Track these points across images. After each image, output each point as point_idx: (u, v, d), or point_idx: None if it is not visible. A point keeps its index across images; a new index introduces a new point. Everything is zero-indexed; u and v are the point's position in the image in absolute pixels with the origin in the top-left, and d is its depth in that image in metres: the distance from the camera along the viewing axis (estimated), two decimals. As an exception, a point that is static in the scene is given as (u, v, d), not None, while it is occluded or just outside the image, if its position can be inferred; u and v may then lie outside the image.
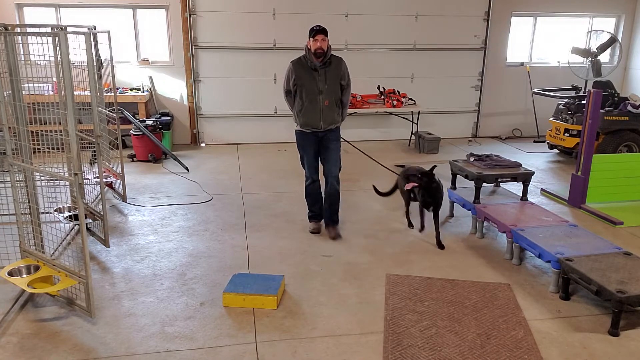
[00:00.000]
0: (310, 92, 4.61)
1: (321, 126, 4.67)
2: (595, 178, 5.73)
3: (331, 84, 4.64)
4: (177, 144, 8.49)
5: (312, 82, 4.60)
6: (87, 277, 3.34)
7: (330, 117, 4.69)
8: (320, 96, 4.61)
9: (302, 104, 4.67)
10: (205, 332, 3.37)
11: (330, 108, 4.66)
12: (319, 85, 4.59)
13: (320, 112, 4.63)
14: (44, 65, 3.88)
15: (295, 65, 4.66)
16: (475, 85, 9.32)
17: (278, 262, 4.37)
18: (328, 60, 4.61)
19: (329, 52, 4.60)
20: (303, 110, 4.67)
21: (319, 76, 4.59)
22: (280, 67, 8.45)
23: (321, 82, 4.59)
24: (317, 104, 4.61)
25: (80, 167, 3.25)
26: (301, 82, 4.63)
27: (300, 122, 4.72)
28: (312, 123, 4.67)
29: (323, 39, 4.49)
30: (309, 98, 4.62)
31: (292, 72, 4.66)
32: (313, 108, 4.63)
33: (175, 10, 8.09)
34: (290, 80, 4.69)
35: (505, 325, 3.46)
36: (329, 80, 4.62)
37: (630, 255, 3.87)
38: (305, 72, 4.60)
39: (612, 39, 8.30)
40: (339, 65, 4.68)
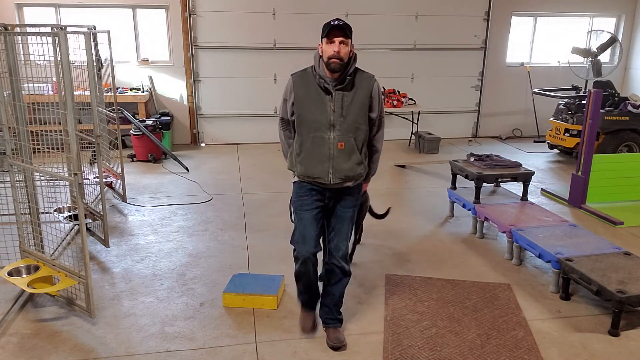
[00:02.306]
0: (315, 126, 2.99)
1: (330, 179, 3.02)
2: (596, 178, 5.73)
3: (351, 114, 2.97)
4: (177, 144, 8.49)
5: (320, 109, 2.97)
6: (87, 277, 3.34)
7: (346, 167, 3.01)
8: (331, 133, 2.97)
9: (300, 142, 3.06)
10: (205, 332, 3.36)
11: (346, 153, 2.99)
12: (331, 116, 2.95)
13: (330, 158, 2.99)
14: (43, 65, 3.88)
15: (298, 80, 3.06)
16: (476, 85, 9.32)
17: (278, 262, 4.37)
18: (349, 77, 2.98)
19: (353, 64, 2.99)
20: (303, 153, 3.05)
21: (333, 101, 2.95)
22: (280, 67, 8.49)
23: (335, 110, 2.95)
24: (325, 144, 2.98)
25: (80, 167, 3.25)
26: (303, 108, 3.02)
27: (298, 170, 3.11)
28: (315, 173, 3.03)
29: (343, 41, 2.88)
30: (314, 134, 2.99)
31: (291, 90, 3.07)
32: (318, 151, 3.00)
33: (175, 10, 8.08)
34: (288, 101, 3.11)
35: (505, 326, 3.45)
36: (347, 108, 2.96)
37: (630, 255, 3.87)
38: (311, 92, 2.99)
39: (612, 38, 8.30)
40: (367, 86, 3.02)
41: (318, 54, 3.01)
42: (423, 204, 5.90)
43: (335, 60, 2.89)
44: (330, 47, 2.90)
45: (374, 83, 3.06)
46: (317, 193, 3.13)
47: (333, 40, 2.89)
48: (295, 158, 3.13)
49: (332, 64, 2.90)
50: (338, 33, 2.89)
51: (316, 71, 3.01)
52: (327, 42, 2.92)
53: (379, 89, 3.11)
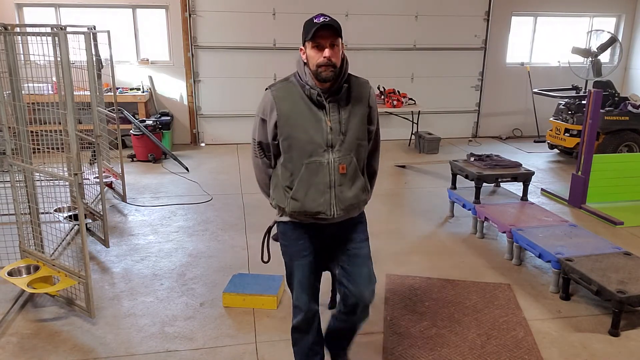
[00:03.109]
0: (309, 148, 2.41)
1: (333, 213, 2.46)
2: (596, 178, 5.73)
3: (352, 130, 2.45)
4: (176, 144, 8.48)
5: (314, 127, 2.41)
6: (87, 277, 3.33)
7: (350, 195, 2.48)
8: (329, 155, 2.41)
9: (290, 172, 2.48)
10: (205, 332, 3.36)
11: (348, 178, 2.46)
12: (328, 135, 2.40)
13: (331, 186, 2.44)
14: (43, 65, 3.88)
15: (280, 93, 2.49)
16: (476, 85, 9.31)
17: (278, 262, 4.35)
18: (343, 85, 2.43)
19: (346, 69, 2.45)
20: (296, 185, 2.46)
21: (328, 115, 2.41)
22: (280, 67, 8.48)
23: (333, 127, 2.41)
24: (324, 170, 2.42)
25: (80, 167, 3.25)
26: (292, 127, 2.42)
27: (289, 207, 2.50)
28: (314, 207, 2.45)
29: (333, 42, 2.34)
30: (308, 160, 2.42)
31: (272, 107, 2.47)
32: (316, 180, 2.43)
33: (175, 10, 8.08)
34: (267, 123, 2.51)
35: (505, 326, 3.45)
36: (347, 123, 2.43)
37: (630, 255, 3.87)
38: (300, 107, 2.43)
39: (612, 38, 8.30)
40: (364, 94, 2.51)
41: (301, 60, 2.45)
42: (423, 204, 5.90)
43: (326, 68, 2.32)
44: (317, 52, 2.32)
45: (368, 88, 2.54)
46: (316, 233, 2.56)
47: (320, 43, 2.32)
48: (283, 193, 2.50)
49: (323, 73, 2.32)
50: (326, 33, 2.30)
51: (302, 80, 2.43)
52: (312, 46, 2.33)
53: (374, 92, 2.65)
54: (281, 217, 2.63)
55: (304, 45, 2.42)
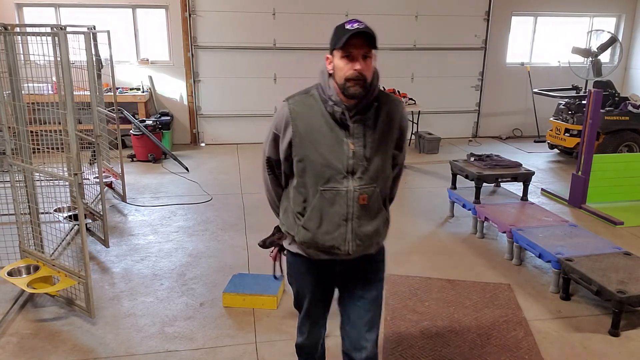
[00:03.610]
0: (326, 174, 2.10)
1: (348, 249, 2.15)
2: (596, 178, 5.73)
3: (377, 156, 2.13)
4: (176, 144, 8.48)
5: (333, 149, 2.09)
6: (87, 277, 3.33)
7: (370, 230, 2.17)
8: (349, 183, 2.09)
9: (304, 197, 2.18)
10: (205, 332, 3.36)
11: (369, 210, 2.15)
12: (349, 160, 2.08)
13: (348, 218, 2.12)
14: (43, 65, 3.88)
15: (297, 108, 2.13)
16: (476, 85, 9.31)
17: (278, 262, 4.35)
18: (372, 102, 2.11)
19: (376, 85, 2.13)
20: (308, 213, 2.16)
21: (351, 137, 2.09)
22: (280, 67, 8.48)
23: (356, 151, 2.08)
24: (341, 199, 2.11)
25: (79, 167, 3.25)
26: (308, 148, 2.11)
27: (299, 236, 2.21)
28: (327, 241, 2.15)
29: (367, 54, 2.04)
30: (324, 186, 2.11)
31: (287, 123, 2.13)
32: (330, 210, 2.12)
33: (175, 10, 8.08)
34: (280, 140, 2.19)
35: (505, 326, 3.45)
36: (372, 148, 2.11)
37: (630, 255, 3.86)
38: (318, 126, 2.10)
39: (612, 38, 8.30)
40: (395, 115, 2.17)
41: (326, 71, 2.10)
42: (423, 204, 5.90)
43: (356, 83, 2.00)
44: (347, 64, 2.00)
45: (403, 111, 2.20)
46: (327, 269, 2.28)
47: (352, 53, 1.99)
48: (293, 219, 2.21)
49: (351, 88, 2.00)
50: (360, 42, 1.98)
51: (325, 94, 2.08)
52: (342, 55, 2.00)
53: (406, 114, 2.27)
54: (290, 245, 2.33)
55: (331, 53, 2.07)
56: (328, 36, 2.08)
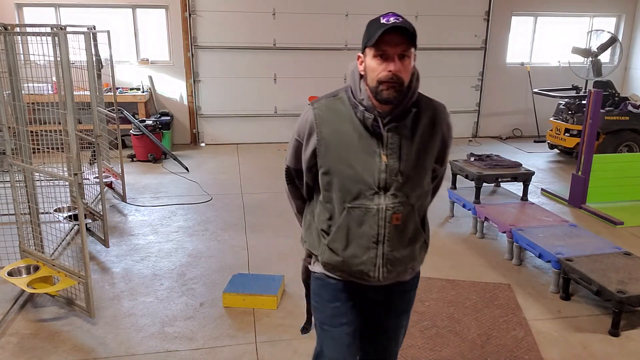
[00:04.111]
0: (354, 189, 1.85)
1: (377, 274, 1.90)
2: (596, 178, 5.73)
3: (415, 170, 1.87)
4: (176, 144, 8.48)
5: (363, 161, 1.84)
6: (87, 277, 3.33)
7: (404, 254, 1.92)
8: (380, 200, 1.84)
9: (329, 214, 1.93)
10: (205, 332, 3.36)
11: (403, 232, 1.89)
12: (382, 174, 1.83)
13: (379, 240, 1.87)
14: (43, 65, 3.88)
15: (324, 113, 1.89)
16: (476, 85, 9.31)
17: (278, 262, 4.36)
18: (410, 108, 1.85)
19: (416, 88, 1.87)
20: (333, 233, 1.92)
21: (385, 148, 1.83)
22: (280, 67, 8.48)
23: (390, 164, 1.83)
24: (372, 219, 1.85)
25: (79, 167, 3.25)
26: (334, 159, 1.87)
27: (324, 256, 1.96)
28: (353, 264, 1.90)
29: (405, 52, 1.76)
30: (352, 203, 1.86)
31: (312, 129, 1.89)
32: (359, 230, 1.87)
33: (175, 10, 8.08)
34: (304, 147, 1.94)
35: (505, 326, 3.45)
36: (409, 160, 1.85)
37: (630, 255, 3.86)
38: (347, 134, 1.86)
39: (612, 38, 8.30)
40: (436, 121, 1.91)
41: (357, 71, 1.85)
42: (423, 204, 5.89)
43: (390, 86, 1.74)
44: (381, 64, 1.74)
45: (443, 115, 1.92)
46: (357, 294, 2.00)
47: (386, 51, 1.73)
48: (317, 237, 1.97)
49: (384, 92, 1.75)
50: (397, 39, 1.72)
51: (356, 98, 1.83)
52: (375, 54, 1.75)
53: (450, 122, 1.96)
54: (314, 265, 2.04)
55: (363, 51, 1.82)
56: (328, 36, 1.99)
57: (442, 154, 1.96)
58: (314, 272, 2.06)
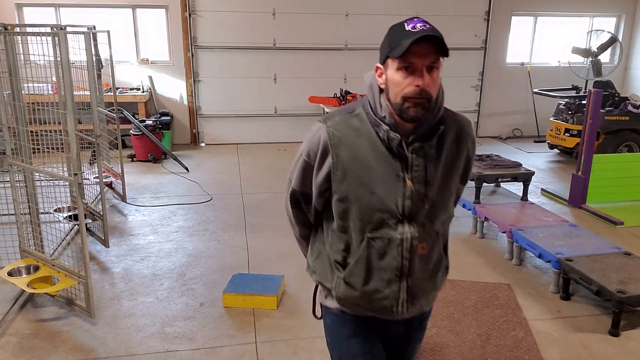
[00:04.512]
0: (375, 218, 1.65)
1: (401, 309, 1.72)
2: (596, 178, 5.73)
3: (442, 193, 1.70)
4: (176, 144, 8.48)
5: (385, 186, 1.63)
6: (87, 277, 3.33)
7: (431, 286, 1.78)
8: (404, 229, 1.65)
9: (345, 244, 1.72)
10: (205, 332, 3.36)
11: (429, 262, 1.73)
12: (407, 200, 1.63)
13: (404, 273, 1.68)
14: (43, 65, 3.88)
15: (339, 132, 1.65)
16: (476, 85, 9.31)
17: (278, 262, 4.36)
18: (438, 126, 1.67)
19: (441, 103, 1.70)
20: (351, 266, 1.71)
21: (410, 171, 1.63)
22: (280, 67, 8.48)
23: (416, 188, 1.64)
24: (395, 250, 1.66)
25: (79, 167, 3.25)
26: (354, 186, 1.65)
27: (339, 291, 1.75)
28: (375, 301, 1.71)
29: (434, 63, 1.57)
30: (372, 234, 1.66)
31: (325, 150, 1.66)
32: (381, 263, 1.68)
33: (175, 10, 8.08)
34: (315, 169, 1.71)
35: (505, 326, 3.45)
36: (435, 183, 1.67)
37: (630, 255, 3.86)
38: (367, 155, 1.63)
39: (612, 38, 8.30)
40: (461, 137, 1.76)
41: (376, 84, 1.63)
42: (423, 204, 5.89)
43: (417, 103, 1.54)
44: (407, 77, 1.53)
45: (472, 133, 1.82)
46: (377, 329, 1.82)
47: (413, 64, 1.52)
48: (330, 268, 1.76)
49: (411, 110, 1.54)
50: (426, 49, 1.51)
51: (377, 115, 1.62)
52: (400, 66, 1.53)
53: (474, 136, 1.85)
54: (326, 299, 1.83)
55: (383, 62, 1.60)
56: (328, 36, 1.67)
57: (466, 172, 1.81)
58: (328, 307, 1.85)
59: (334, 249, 1.75)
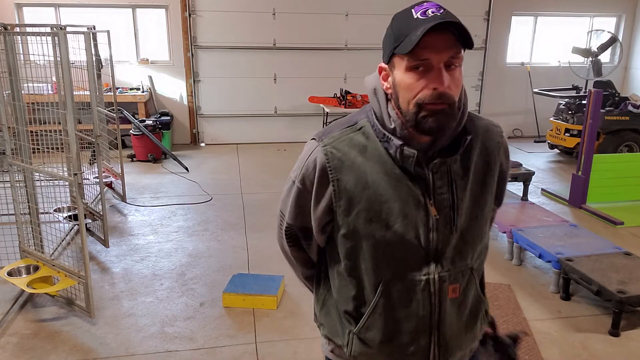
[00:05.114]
0: (393, 257, 1.29)
1: None
2: (596, 178, 5.73)
3: (476, 219, 1.36)
4: (176, 144, 8.48)
5: (405, 218, 1.27)
6: (87, 278, 3.33)
7: (468, 337, 1.41)
8: (430, 268, 1.30)
9: (355, 290, 1.36)
10: (205, 332, 3.36)
11: (464, 306, 1.38)
12: (432, 233, 1.29)
13: (433, 324, 1.33)
14: (43, 65, 3.88)
15: (336, 154, 1.29)
16: (476, 85, 9.31)
17: (278, 262, 4.33)
18: (463, 135, 1.30)
19: (466, 107, 1.33)
20: (367, 319, 1.35)
21: (432, 194, 1.28)
22: (280, 67, 8.48)
23: (441, 217, 1.29)
24: (422, 294, 1.31)
25: (79, 167, 3.25)
26: (362, 219, 1.28)
27: (353, 349, 1.39)
28: (400, 353, 1.36)
29: (454, 58, 1.19)
30: (390, 277, 1.31)
31: (323, 176, 1.30)
32: (406, 311, 1.32)
33: (174, 9, 8.08)
34: (313, 200, 1.34)
35: (505, 326, 3.45)
36: (466, 206, 1.33)
37: (630, 256, 3.86)
38: (379, 181, 1.27)
39: (612, 38, 8.30)
40: (491, 148, 1.42)
41: (381, 89, 1.31)
42: (423, 204, 5.89)
43: (438, 110, 1.21)
44: (420, 79, 1.20)
45: (504, 141, 1.48)
46: None
47: (428, 60, 1.18)
48: (339, 320, 1.44)
49: (430, 120, 1.21)
50: (444, 40, 1.17)
51: (385, 128, 1.28)
52: (410, 64, 1.20)
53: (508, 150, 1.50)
54: (332, 353, 1.53)
55: (388, 61, 1.28)
56: (328, 36, 1.20)
57: (501, 190, 1.49)
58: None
59: (343, 297, 1.39)
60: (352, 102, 7.70)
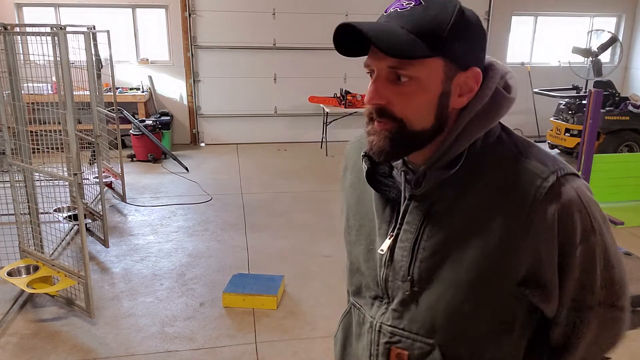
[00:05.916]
0: (356, 280, 1.14)
1: None
2: (596, 178, 5.72)
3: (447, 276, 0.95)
4: (176, 144, 8.48)
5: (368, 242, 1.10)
6: (87, 278, 3.33)
7: None
8: (378, 311, 1.06)
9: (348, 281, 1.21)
10: (205, 332, 3.36)
11: None
12: (381, 268, 1.05)
13: None
14: (43, 65, 3.88)
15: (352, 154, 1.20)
16: (476, 85, 9.30)
17: (278, 262, 4.36)
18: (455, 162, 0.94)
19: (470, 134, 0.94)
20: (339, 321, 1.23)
21: (394, 225, 1.03)
22: (280, 67, 8.48)
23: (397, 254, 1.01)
24: (367, 337, 1.07)
25: (79, 167, 3.25)
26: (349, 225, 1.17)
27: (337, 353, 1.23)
28: None
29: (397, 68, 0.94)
30: (355, 299, 1.16)
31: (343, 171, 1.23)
32: (358, 343, 1.13)
33: (174, 9, 8.08)
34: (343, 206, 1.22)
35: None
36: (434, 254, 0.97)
37: (630, 256, 3.86)
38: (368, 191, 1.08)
39: (612, 38, 8.30)
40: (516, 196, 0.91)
41: None
42: (423, 204, 5.89)
43: (377, 128, 0.97)
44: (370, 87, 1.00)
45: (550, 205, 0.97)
46: None
47: (371, 67, 1.01)
48: None
49: (370, 138, 0.98)
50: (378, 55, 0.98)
51: None
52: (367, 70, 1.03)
53: (586, 214, 1.02)
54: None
55: None
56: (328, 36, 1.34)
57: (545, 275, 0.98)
58: None
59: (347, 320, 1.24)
60: (352, 102, 7.70)
